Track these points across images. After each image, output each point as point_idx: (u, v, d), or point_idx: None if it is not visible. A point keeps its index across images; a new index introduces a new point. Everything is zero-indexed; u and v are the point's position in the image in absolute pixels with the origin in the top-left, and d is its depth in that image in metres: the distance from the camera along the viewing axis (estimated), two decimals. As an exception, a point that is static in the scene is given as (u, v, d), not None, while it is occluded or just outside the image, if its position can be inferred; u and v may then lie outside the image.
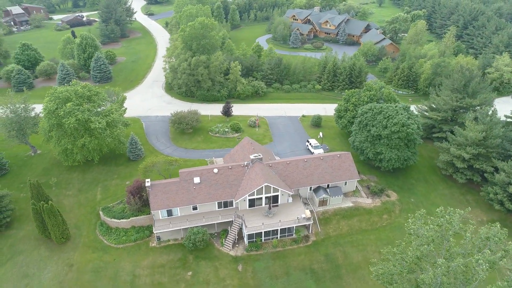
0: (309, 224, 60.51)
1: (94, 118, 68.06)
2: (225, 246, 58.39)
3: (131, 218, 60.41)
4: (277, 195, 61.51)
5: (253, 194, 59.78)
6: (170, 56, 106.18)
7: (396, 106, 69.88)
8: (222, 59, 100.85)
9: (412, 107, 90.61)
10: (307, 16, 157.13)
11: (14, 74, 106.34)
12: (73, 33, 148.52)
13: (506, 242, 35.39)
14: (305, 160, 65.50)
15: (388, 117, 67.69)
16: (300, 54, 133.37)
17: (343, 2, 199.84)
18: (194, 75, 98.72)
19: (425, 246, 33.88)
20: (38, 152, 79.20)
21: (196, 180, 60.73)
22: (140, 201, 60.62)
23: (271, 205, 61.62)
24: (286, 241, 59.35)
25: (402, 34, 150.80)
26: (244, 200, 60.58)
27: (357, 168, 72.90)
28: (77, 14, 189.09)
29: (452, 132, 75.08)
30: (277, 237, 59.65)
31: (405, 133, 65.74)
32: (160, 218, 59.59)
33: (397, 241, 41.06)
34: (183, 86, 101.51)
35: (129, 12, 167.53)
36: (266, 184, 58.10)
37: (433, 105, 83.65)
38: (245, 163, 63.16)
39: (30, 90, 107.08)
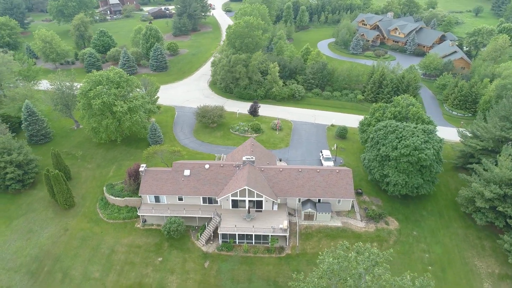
0: (288, 236, 58.32)
1: (118, 102, 74.43)
2: (199, 240, 59.55)
3: (125, 198, 65.11)
4: (261, 201, 60.50)
5: (236, 195, 59.78)
6: (219, 52, 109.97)
7: (415, 127, 63.03)
8: (262, 59, 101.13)
9: (453, 131, 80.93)
10: (377, 21, 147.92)
11: (86, 57, 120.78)
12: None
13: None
14: (300, 170, 63.07)
15: (400, 137, 61.52)
16: (358, 61, 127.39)
17: (429, 10, 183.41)
18: (232, 72, 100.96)
19: (315, 279, 30.60)
20: (80, 127, 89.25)
21: (186, 172, 62.82)
22: (135, 183, 64.94)
23: (252, 209, 60.90)
24: (259, 248, 58.19)
25: (484, 48, 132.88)
26: (227, 200, 60.87)
27: (363, 188, 68.39)
28: (163, 7, 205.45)
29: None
30: (251, 243, 58.80)
31: (416, 157, 59.00)
32: (148, 202, 63.14)
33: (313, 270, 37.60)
34: (222, 81, 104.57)
35: (204, 7, 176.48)
36: (246, 187, 57.58)
37: (476, 132, 73.06)
38: (236, 163, 63.28)
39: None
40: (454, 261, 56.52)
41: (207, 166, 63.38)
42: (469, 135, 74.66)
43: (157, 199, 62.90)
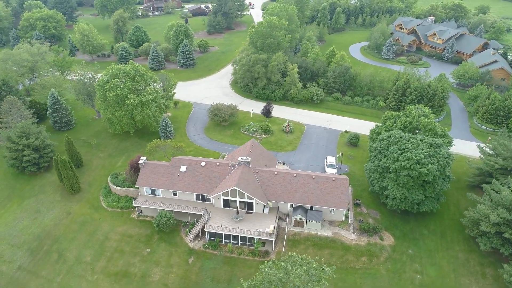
0: (274, 241, 57.41)
1: (131, 95, 77.26)
2: (188, 236, 60.32)
3: (125, 188, 67.52)
4: (252, 203, 60.08)
5: (227, 194, 59.89)
6: (241, 51, 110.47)
7: (421, 139, 59.39)
8: (282, 60, 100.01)
9: (472, 146, 75.33)
10: (415, 26, 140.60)
11: (119, 51, 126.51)
12: (186, 21, 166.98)
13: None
14: (295, 175, 61.79)
15: (403, 149, 58.25)
16: (389, 67, 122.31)
17: (479, 15, 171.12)
18: (252, 71, 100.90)
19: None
20: (101, 117, 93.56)
21: (183, 168, 63.88)
22: (135, 175, 67.10)
23: (243, 210, 60.66)
24: (244, 250, 57.86)
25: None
26: (218, 199, 61.13)
27: (363, 200, 65.76)
28: (203, 5, 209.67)
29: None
30: (237, 244, 58.58)
31: (417, 172, 55.54)
32: (145, 194, 65.02)
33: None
34: (241, 80, 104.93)
35: (241, 6, 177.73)
36: (236, 188, 57.48)
37: (495, 149, 67.39)
38: (232, 163, 63.28)
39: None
40: (448, 287, 52.55)
41: (203, 163, 64.00)
42: (490, 152, 69.03)
43: (153, 191, 64.60)
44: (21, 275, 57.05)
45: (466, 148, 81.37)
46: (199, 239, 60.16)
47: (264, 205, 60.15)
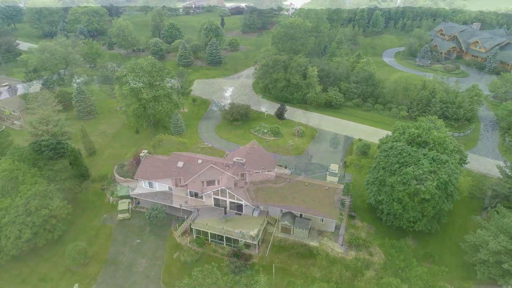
0: (258, 244, 56.70)
1: (144, 90, 79.87)
2: (177, 231, 61.29)
3: (127, 178, 70.00)
4: (241, 204, 59.77)
5: (217, 193, 60.10)
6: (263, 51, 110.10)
7: (424, 154, 55.67)
8: (302, 62, 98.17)
9: (491, 163, 69.32)
10: (456, 32, 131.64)
11: (151, 46, 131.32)
12: (222, 20, 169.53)
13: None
14: (288, 180, 60.53)
15: (402, 163, 54.95)
16: (423, 74, 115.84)
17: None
18: (271, 72, 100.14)
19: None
20: (123, 108, 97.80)
21: (180, 164, 64.94)
22: (137, 167, 69.29)
23: (232, 211, 60.50)
24: (228, 250, 57.55)
25: None
26: (209, 197, 61.47)
27: (361, 212, 63.04)
28: (244, 4, 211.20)
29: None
30: (223, 243, 58.54)
31: (414, 188, 52.14)
32: (143, 186, 66.98)
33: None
34: (260, 81, 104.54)
35: (279, 7, 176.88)
36: (224, 188, 57.50)
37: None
38: (227, 163, 63.31)
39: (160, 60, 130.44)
40: (435, 314, 48.89)
41: (199, 161, 64.61)
42: (509, 173, 63.08)
43: (151, 184, 66.32)
44: (23, 253, 61.13)
45: (490, 166, 74.97)
46: (187, 235, 60.90)
47: (254, 208, 59.57)
